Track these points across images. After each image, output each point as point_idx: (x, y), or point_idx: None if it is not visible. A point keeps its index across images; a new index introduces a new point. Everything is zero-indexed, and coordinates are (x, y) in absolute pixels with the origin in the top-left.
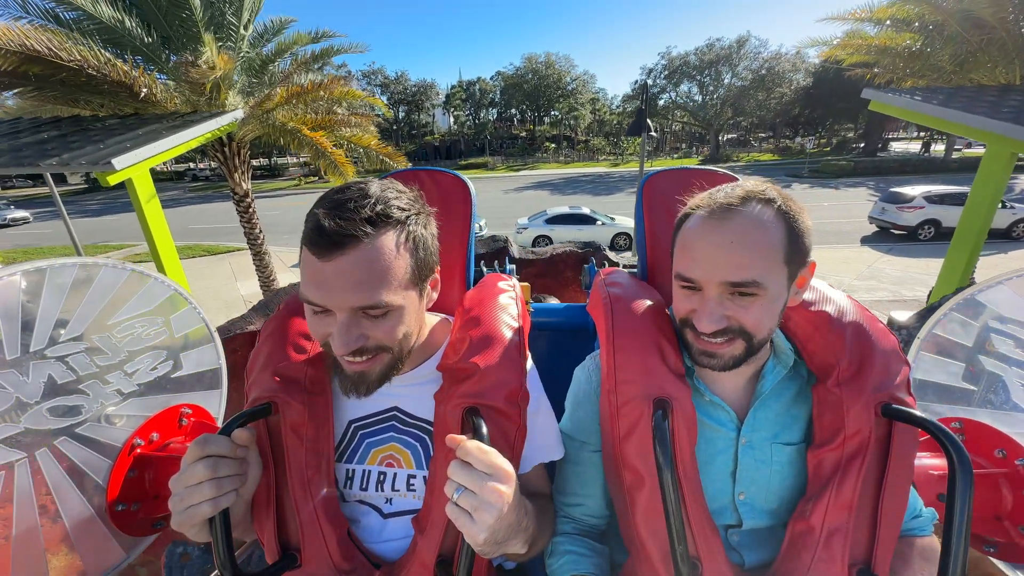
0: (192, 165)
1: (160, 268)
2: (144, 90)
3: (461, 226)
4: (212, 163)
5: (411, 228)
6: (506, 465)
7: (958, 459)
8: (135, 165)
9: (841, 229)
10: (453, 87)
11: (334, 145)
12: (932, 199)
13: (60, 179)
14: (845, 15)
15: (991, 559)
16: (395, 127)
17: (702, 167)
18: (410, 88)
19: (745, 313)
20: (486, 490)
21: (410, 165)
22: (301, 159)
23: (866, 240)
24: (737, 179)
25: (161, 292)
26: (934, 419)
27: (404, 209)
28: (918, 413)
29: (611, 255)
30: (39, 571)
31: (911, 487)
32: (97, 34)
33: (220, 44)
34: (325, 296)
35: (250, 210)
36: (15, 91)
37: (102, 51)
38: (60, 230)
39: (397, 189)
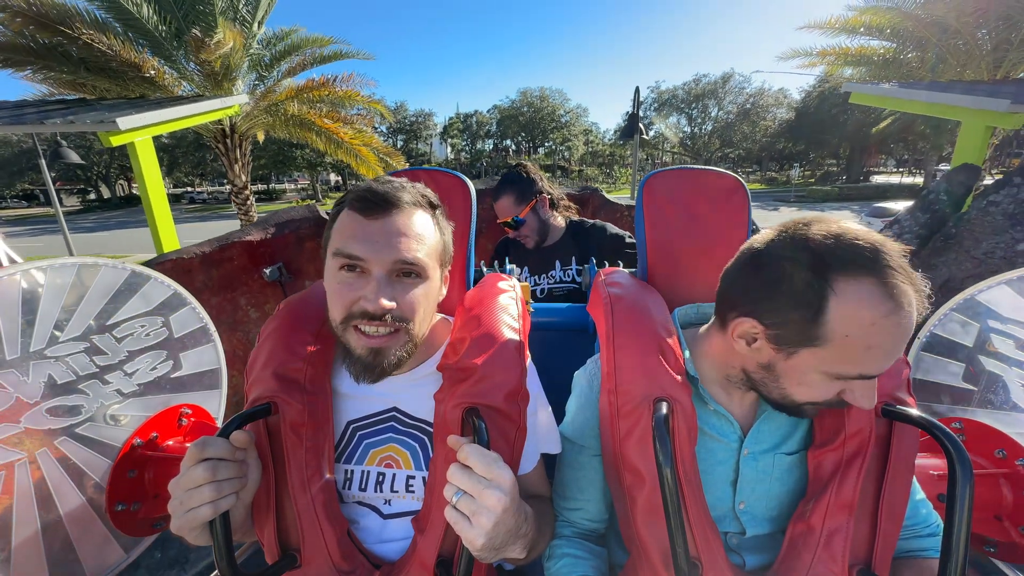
0: (190, 188)
1: (155, 235)
2: (152, 71)
3: (461, 226)
4: (209, 187)
5: (439, 216)
6: (506, 471)
7: (958, 459)
8: (139, 129)
9: None
10: (451, 119)
11: (343, 144)
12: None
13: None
14: (823, 24)
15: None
16: None
17: (702, 167)
18: (408, 118)
19: None
20: (485, 495)
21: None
22: (300, 185)
23: None
24: (737, 178)
25: (161, 292)
26: (934, 419)
27: (436, 204)
28: (918, 413)
29: (607, 196)
30: (39, 571)
31: (928, 503)
32: (110, 11)
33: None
34: (369, 249)
35: (248, 203)
36: (21, 71)
37: (114, 30)
38: (51, 244)
39: (430, 191)
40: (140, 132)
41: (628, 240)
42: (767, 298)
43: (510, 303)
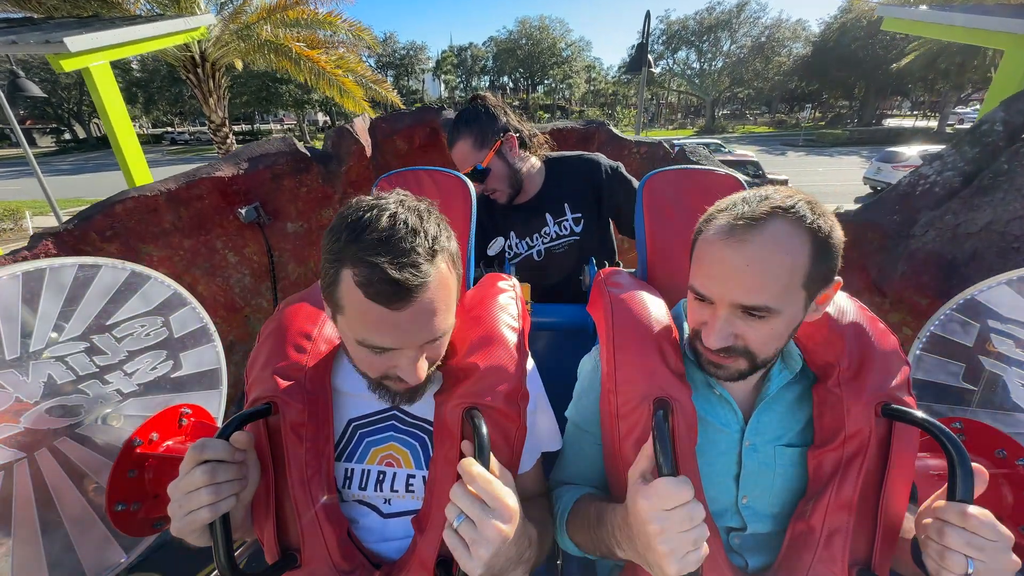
0: (171, 128)
1: (125, 168)
2: None
3: (461, 226)
4: (191, 127)
5: (451, 250)
6: (511, 499)
7: (958, 459)
8: (93, 51)
9: (836, 191)
10: (444, 52)
11: (324, 74)
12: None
13: (29, 140)
14: None
15: None
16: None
17: (701, 167)
18: (398, 51)
19: (753, 333)
20: (486, 526)
21: (402, 105)
22: (286, 125)
23: (860, 200)
24: (736, 177)
25: (161, 292)
26: (934, 419)
27: (447, 236)
28: (918, 413)
29: (616, 131)
30: (39, 571)
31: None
32: None
33: None
34: (400, 340)
35: (227, 141)
36: None
37: None
38: (26, 187)
39: (421, 208)
40: (95, 55)
41: (625, 175)
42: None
43: (510, 303)
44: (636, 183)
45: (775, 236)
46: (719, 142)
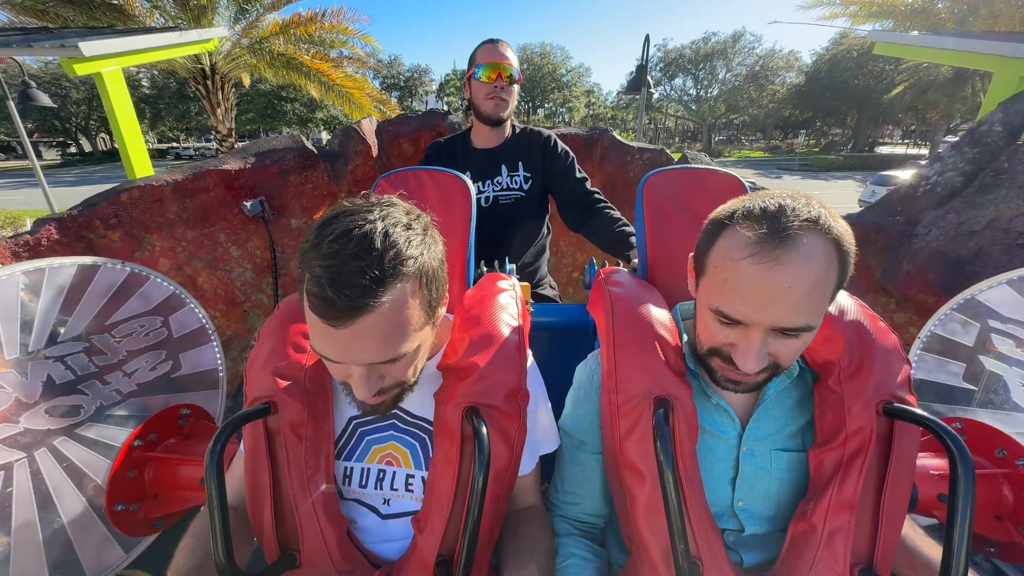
0: (175, 144)
1: (130, 172)
2: None
3: (461, 225)
4: (195, 143)
5: (423, 268)
6: None
7: (960, 458)
8: (107, 57)
9: None
10: (447, 76)
11: (335, 86)
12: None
13: (36, 153)
14: None
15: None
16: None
17: (702, 166)
18: (403, 74)
19: (785, 350)
20: None
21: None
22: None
23: None
24: (738, 178)
25: (160, 292)
26: (935, 418)
27: (415, 256)
28: (919, 412)
29: (618, 137)
30: (39, 571)
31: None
32: None
33: None
34: (342, 356)
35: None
36: None
37: None
38: (30, 197)
39: (403, 222)
40: (108, 61)
41: (568, 152)
42: (700, 240)
43: (510, 302)
44: (577, 166)
45: (809, 253)
46: None
